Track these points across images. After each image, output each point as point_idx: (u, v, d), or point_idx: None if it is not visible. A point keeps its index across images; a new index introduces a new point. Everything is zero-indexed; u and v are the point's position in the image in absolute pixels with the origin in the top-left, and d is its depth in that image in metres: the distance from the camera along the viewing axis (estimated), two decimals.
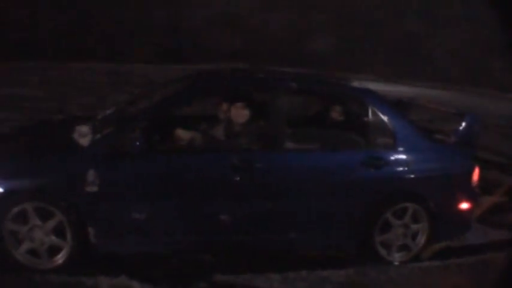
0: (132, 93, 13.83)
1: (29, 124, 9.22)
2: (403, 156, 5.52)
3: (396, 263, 5.64)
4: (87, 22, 31.34)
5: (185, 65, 28.12)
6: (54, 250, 5.03)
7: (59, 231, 4.98)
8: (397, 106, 5.98)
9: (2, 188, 4.84)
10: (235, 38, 35.86)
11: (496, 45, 25.97)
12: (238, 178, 5.13)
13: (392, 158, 5.49)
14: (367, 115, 5.60)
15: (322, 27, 38.02)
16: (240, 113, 5.66)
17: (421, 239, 5.72)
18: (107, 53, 29.97)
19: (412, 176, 5.51)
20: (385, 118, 5.55)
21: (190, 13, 36.14)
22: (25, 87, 17.18)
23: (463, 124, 5.78)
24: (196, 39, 34.47)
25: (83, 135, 5.22)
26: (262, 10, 38.19)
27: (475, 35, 31.40)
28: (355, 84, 6.10)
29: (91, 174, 4.83)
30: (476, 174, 5.74)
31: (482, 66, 30.18)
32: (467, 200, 5.75)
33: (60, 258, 5.02)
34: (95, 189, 4.84)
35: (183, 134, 5.64)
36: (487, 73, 28.92)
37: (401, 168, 5.50)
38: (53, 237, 4.99)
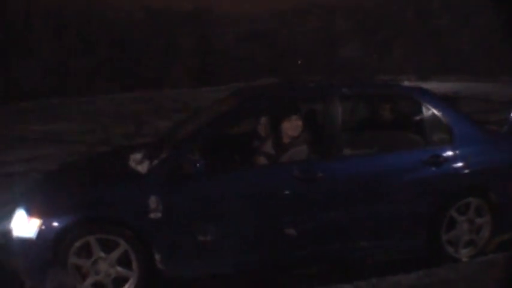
0: (170, 118, 13.92)
1: (79, 158, 9.26)
2: (461, 151, 5.43)
3: (464, 259, 5.53)
4: (117, 54, 31.83)
5: (218, 85, 28.33)
6: (120, 281, 4.92)
7: (123, 261, 4.89)
8: (447, 101, 5.91)
9: (63, 222, 4.74)
10: (264, 54, 36.12)
11: None
12: (301, 189, 5.07)
13: (451, 153, 5.41)
14: (421, 113, 5.54)
15: (349, 33, 38.15)
16: (295, 125, 5.52)
17: (486, 233, 5.61)
18: (141, 82, 30.40)
19: (473, 169, 5.42)
20: (439, 114, 5.48)
21: (218, 34, 36.56)
22: (65, 122, 17.43)
23: None
24: (227, 59, 34.82)
25: (140, 162, 5.22)
26: (288, 25, 38.49)
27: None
28: (406, 83, 6.05)
29: (153, 201, 4.76)
30: None
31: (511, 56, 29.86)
32: None
33: None
34: (158, 215, 4.76)
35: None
36: None
37: (461, 163, 5.41)
38: (119, 268, 4.88)
